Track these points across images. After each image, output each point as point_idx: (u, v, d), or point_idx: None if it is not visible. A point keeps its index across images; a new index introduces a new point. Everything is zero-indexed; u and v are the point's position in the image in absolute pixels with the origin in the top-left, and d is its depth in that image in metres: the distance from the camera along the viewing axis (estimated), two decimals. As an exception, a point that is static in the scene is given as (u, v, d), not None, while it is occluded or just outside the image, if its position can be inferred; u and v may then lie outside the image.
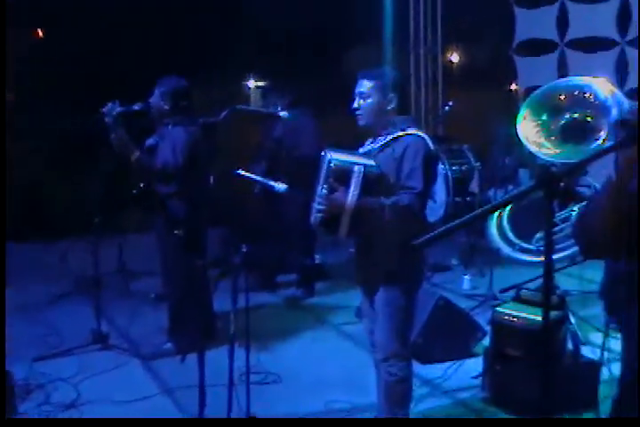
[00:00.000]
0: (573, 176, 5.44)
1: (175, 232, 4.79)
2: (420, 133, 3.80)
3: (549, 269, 2.09)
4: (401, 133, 3.79)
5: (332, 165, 3.64)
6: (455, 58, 11.45)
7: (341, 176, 3.62)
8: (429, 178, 3.76)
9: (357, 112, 3.87)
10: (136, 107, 5.30)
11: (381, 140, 3.83)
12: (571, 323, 5.40)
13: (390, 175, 3.69)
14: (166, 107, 5.38)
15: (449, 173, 7.59)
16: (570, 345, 4.93)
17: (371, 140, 3.94)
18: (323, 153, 3.84)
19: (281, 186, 4.27)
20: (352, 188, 3.59)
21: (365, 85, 3.83)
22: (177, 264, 5.38)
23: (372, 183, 3.63)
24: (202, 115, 5.35)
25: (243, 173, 4.35)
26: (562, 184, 5.49)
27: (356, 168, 3.61)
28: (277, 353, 5.59)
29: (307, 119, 6.88)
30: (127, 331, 5.96)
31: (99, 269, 5.70)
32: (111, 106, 5.18)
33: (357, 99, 3.86)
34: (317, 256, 7.36)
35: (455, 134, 8.49)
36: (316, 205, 3.72)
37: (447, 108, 7.24)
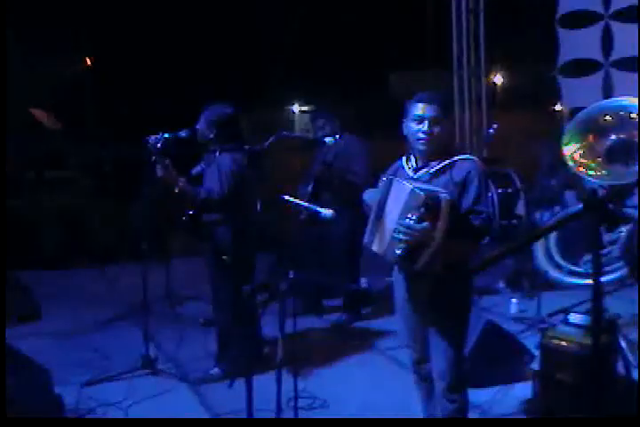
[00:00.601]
0: (621, 199, 5.40)
1: (223, 258, 4.82)
2: (474, 158, 3.86)
3: (598, 293, 2.08)
4: (456, 158, 3.82)
5: (420, 193, 3.54)
6: (499, 79, 11.43)
7: (430, 206, 3.54)
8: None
9: (425, 137, 3.80)
10: (183, 133, 5.34)
11: (435, 166, 3.83)
12: (622, 347, 5.33)
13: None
14: (211, 135, 5.41)
15: (494, 196, 7.55)
16: (622, 369, 4.86)
17: (416, 164, 3.93)
18: (385, 178, 3.85)
19: (327, 212, 4.27)
20: (442, 219, 3.52)
21: (436, 110, 3.79)
22: (225, 290, 5.42)
23: (452, 213, 3.60)
24: (248, 140, 5.41)
25: (289, 198, 4.38)
26: (609, 206, 5.46)
27: (444, 198, 3.56)
28: (324, 378, 5.57)
29: (356, 143, 6.91)
30: (175, 356, 5.99)
31: (147, 295, 5.75)
32: (155, 138, 5.23)
33: (426, 123, 3.78)
34: (363, 280, 7.35)
35: (500, 157, 8.45)
36: (398, 236, 3.61)
37: (492, 130, 7.21)
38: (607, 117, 5.39)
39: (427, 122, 3.79)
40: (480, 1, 10.10)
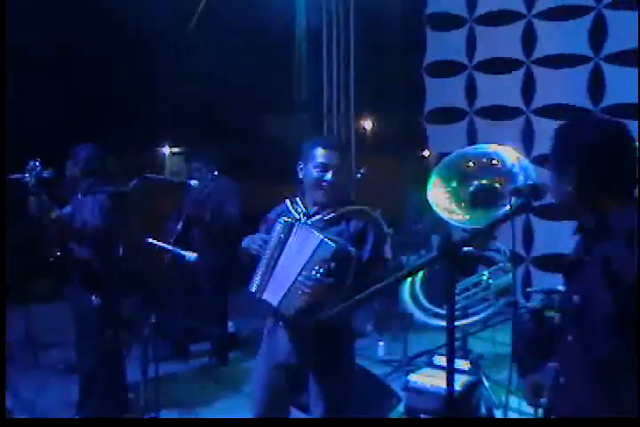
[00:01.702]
0: (474, 244, 5.53)
1: (93, 298, 4.69)
2: (368, 208, 3.77)
3: (452, 337, 2.11)
4: (351, 208, 3.71)
5: (331, 245, 3.41)
6: (368, 125, 11.65)
7: (339, 259, 3.42)
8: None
9: (328, 185, 3.65)
10: (45, 174, 5.19)
11: (330, 213, 3.68)
12: (484, 386, 5.43)
13: None
14: (78, 173, 5.33)
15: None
16: (483, 409, 4.95)
17: (306, 209, 3.77)
18: (286, 222, 3.65)
19: (191, 255, 4.21)
20: (351, 272, 3.43)
21: (340, 158, 3.66)
22: (91, 333, 5.24)
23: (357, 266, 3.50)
24: (116, 182, 5.32)
25: (153, 241, 4.31)
26: (470, 249, 5.59)
27: (353, 251, 3.47)
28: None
29: (228, 185, 6.93)
30: (33, 405, 5.75)
31: (4, 340, 5.52)
32: (33, 164, 5.03)
33: (331, 172, 3.62)
34: (231, 323, 7.28)
35: (367, 200, 8.57)
36: (301, 286, 3.47)
37: (359, 175, 7.33)
38: (470, 164, 5.55)
39: (331, 171, 3.64)
40: (351, 49, 10.31)
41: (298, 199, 3.84)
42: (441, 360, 4.98)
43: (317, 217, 3.71)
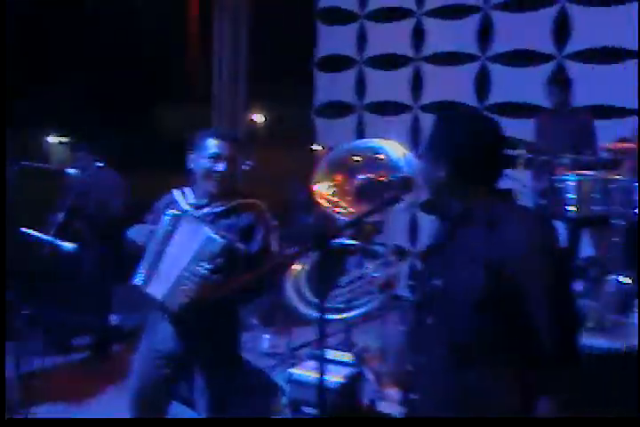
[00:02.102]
0: (368, 236, 5.60)
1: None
2: (258, 201, 3.77)
3: (323, 328, 2.11)
4: (241, 201, 3.69)
5: (219, 241, 3.37)
6: (259, 117, 11.62)
7: (227, 256, 3.38)
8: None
9: (220, 176, 3.61)
10: None
11: (220, 206, 3.65)
12: (367, 379, 5.49)
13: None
14: None
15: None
16: (366, 400, 5.00)
17: (195, 200, 3.73)
18: (174, 214, 3.58)
19: (69, 245, 4.11)
20: (238, 270, 3.38)
21: (234, 148, 3.64)
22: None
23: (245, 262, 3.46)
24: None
25: (29, 231, 4.18)
26: (352, 243, 5.64)
27: (242, 248, 3.45)
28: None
29: (113, 176, 6.81)
30: None
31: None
32: None
33: (224, 162, 3.59)
34: (114, 317, 7.14)
35: (256, 193, 8.53)
36: (186, 281, 3.41)
37: (246, 167, 7.29)
38: (356, 158, 5.59)
39: (223, 161, 3.61)
40: (241, 42, 10.26)
41: (187, 190, 3.78)
42: (326, 353, 5.00)
43: (207, 209, 3.67)
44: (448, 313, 2.40)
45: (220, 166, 3.61)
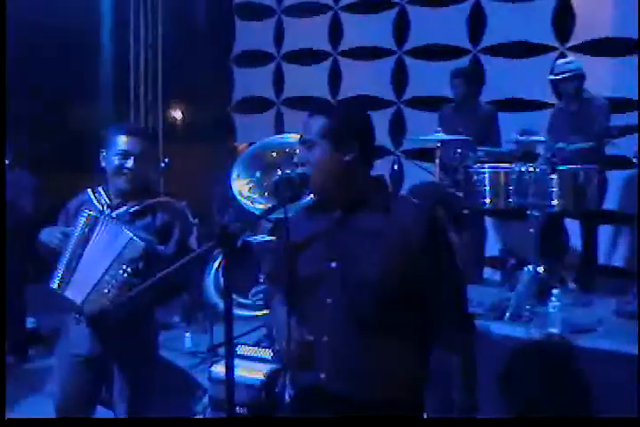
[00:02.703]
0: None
1: None
2: (175, 200, 3.75)
3: (230, 323, 2.10)
4: (157, 200, 3.63)
5: (140, 243, 3.30)
6: (177, 114, 11.51)
7: (149, 259, 3.32)
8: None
9: (129, 173, 3.52)
10: None
11: (135, 205, 3.57)
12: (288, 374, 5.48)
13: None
14: None
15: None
16: (287, 397, 4.99)
17: (109, 200, 3.63)
18: (89, 215, 3.47)
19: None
20: (159, 272, 3.30)
21: (143, 145, 3.55)
22: None
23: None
24: None
25: None
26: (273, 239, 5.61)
27: (162, 250, 3.38)
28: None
29: (25, 177, 6.65)
30: None
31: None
32: None
33: (120, 158, 3.51)
34: (32, 320, 6.99)
35: (175, 191, 8.48)
36: (107, 286, 3.34)
37: (163, 164, 7.21)
38: (274, 154, 5.58)
39: (132, 158, 3.52)
40: (158, 36, 10.15)
41: (101, 189, 3.68)
42: (245, 350, 4.97)
43: (122, 209, 3.58)
44: (349, 293, 2.51)
45: (129, 163, 3.52)
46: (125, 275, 3.32)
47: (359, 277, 2.50)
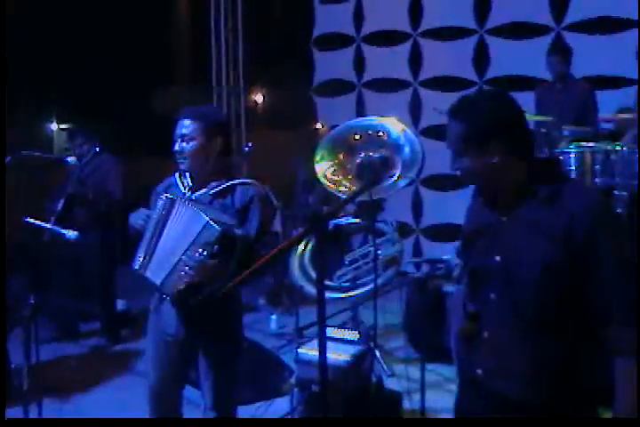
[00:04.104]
0: (371, 214, 5.61)
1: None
2: (255, 182, 3.69)
3: (322, 305, 2.12)
4: (237, 182, 3.62)
5: (217, 228, 3.32)
6: (259, 98, 11.60)
7: (224, 242, 3.34)
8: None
9: (180, 156, 3.58)
10: None
11: (215, 187, 3.61)
12: (375, 356, 5.52)
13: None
14: None
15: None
16: (373, 378, 5.02)
17: (192, 182, 3.69)
18: (165, 198, 3.56)
19: (71, 233, 4.11)
20: (235, 256, 3.34)
21: (188, 127, 3.55)
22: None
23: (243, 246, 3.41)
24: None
25: (31, 220, 4.18)
26: (358, 221, 5.63)
27: (239, 233, 3.39)
28: (82, 406, 5.37)
29: (111, 161, 6.81)
30: None
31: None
32: None
33: (179, 141, 3.57)
34: (121, 301, 7.17)
35: (259, 174, 8.54)
36: (184, 267, 3.39)
37: (247, 149, 7.27)
38: (356, 136, 5.58)
39: (186, 140, 3.55)
40: (239, 19, 10.23)
41: (187, 173, 3.74)
42: (331, 332, 5.01)
43: (203, 191, 3.63)
44: (513, 289, 2.45)
45: (183, 145, 3.57)
46: (201, 257, 3.35)
47: (523, 272, 2.43)
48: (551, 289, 2.39)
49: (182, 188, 3.70)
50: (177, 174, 3.77)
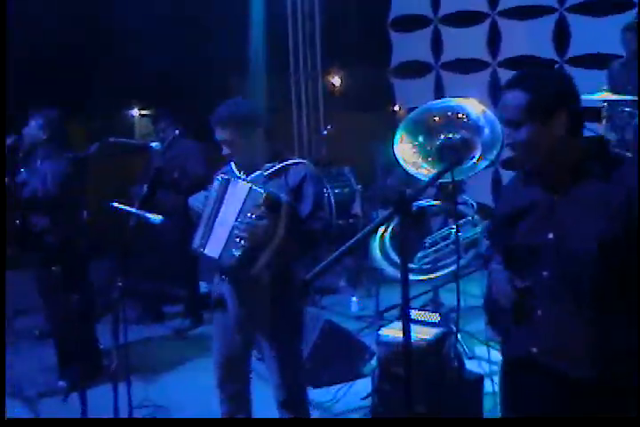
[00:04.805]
0: (452, 196, 5.59)
1: (52, 269, 4.70)
2: (306, 162, 3.83)
3: (406, 285, 2.13)
4: (289, 162, 3.75)
5: (260, 191, 3.51)
6: (337, 81, 11.60)
7: (270, 204, 3.50)
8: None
9: (228, 157, 3.77)
10: (9, 141, 5.18)
11: (269, 168, 3.73)
12: (455, 338, 5.50)
13: None
14: (44, 137, 5.28)
15: (331, 196, 7.63)
16: (455, 360, 5.01)
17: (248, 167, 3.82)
18: (219, 179, 3.73)
19: (156, 217, 4.21)
20: (283, 216, 3.49)
21: (227, 132, 3.68)
22: (55, 300, 5.27)
23: (291, 216, 3.57)
24: (78, 147, 5.29)
25: (117, 205, 4.29)
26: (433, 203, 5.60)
27: (283, 197, 3.54)
28: (166, 385, 5.53)
29: (191, 146, 6.91)
30: (9, 371, 5.76)
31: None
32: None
33: (224, 147, 3.72)
34: (203, 284, 7.28)
35: (338, 157, 8.59)
36: (239, 234, 3.53)
37: (325, 131, 7.30)
38: (436, 118, 5.54)
39: (225, 146, 3.72)
40: (315, 4, 10.23)
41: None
42: (412, 314, 5.02)
43: (257, 173, 3.76)
44: (567, 266, 2.45)
45: (226, 151, 3.73)
46: (251, 220, 3.49)
47: (579, 249, 2.43)
48: (608, 265, 2.40)
49: (237, 172, 3.83)
50: (232, 162, 3.89)
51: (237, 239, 3.54)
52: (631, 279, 2.41)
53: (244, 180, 3.70)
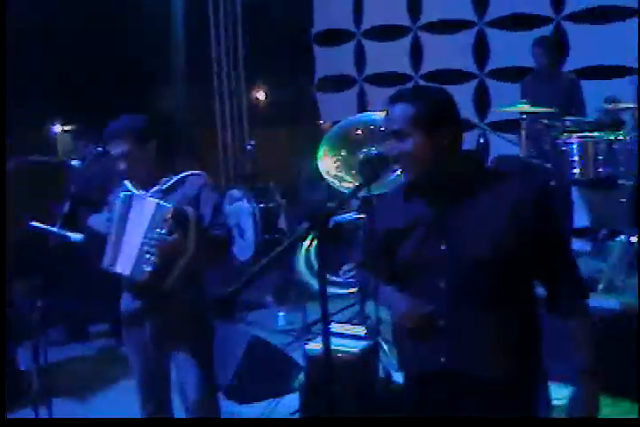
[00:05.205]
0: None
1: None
2: (201, 172, 3.82)
3: (325, 303, 2.14)
4: (185, 174, 3.77)
5: (167, 205, 3.49)
6: (261, 95, 11.59)
7: (178, 218, 3.49)
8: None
9: (123, 175, 3.78)
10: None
11: (166, 182, 3.75)
12: (383, 351, 5.52)
13: None
14: None
15: (256, 211, 7.60)
16: (382, 373, 5.03)
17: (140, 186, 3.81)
18: (124, 195, 3.71)
19: (76, 236, 4.15)
20: (192, 229, 3.48)
21: (120, 147, 3.69)
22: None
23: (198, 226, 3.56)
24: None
25: (36, 224, 4.22)
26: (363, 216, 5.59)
27: (189, 210, 3.54)
28: (93, 405, 5.43)
29: (111, 165, 6.80)
30: None
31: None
32: None
33: (119, 162, 3.72)
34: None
35: (262, 172, 8.57)
36: (150, 250, 3.51)
37: (249, 146, 7.28)
38: (358, 132, 5.59)
39: (118, 160, 3.72)
40: (238, 17, 10.23)
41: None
42: (338, 328, 5.02)
43: (155, 188, 3.74)
44: (463, 274, 2.52)
45: (119, 166, 3.74)
46: (160, 236, 3.48)
47: (471, 257, 2.50)
48: (503, 269, 2.51)
49: (134, 190, 3.80)
50: (126, 181, 3.87)
51: (147, 255, 3.52)
52: (524, 281, 2.59)
53: (147, 196, 3.68)
